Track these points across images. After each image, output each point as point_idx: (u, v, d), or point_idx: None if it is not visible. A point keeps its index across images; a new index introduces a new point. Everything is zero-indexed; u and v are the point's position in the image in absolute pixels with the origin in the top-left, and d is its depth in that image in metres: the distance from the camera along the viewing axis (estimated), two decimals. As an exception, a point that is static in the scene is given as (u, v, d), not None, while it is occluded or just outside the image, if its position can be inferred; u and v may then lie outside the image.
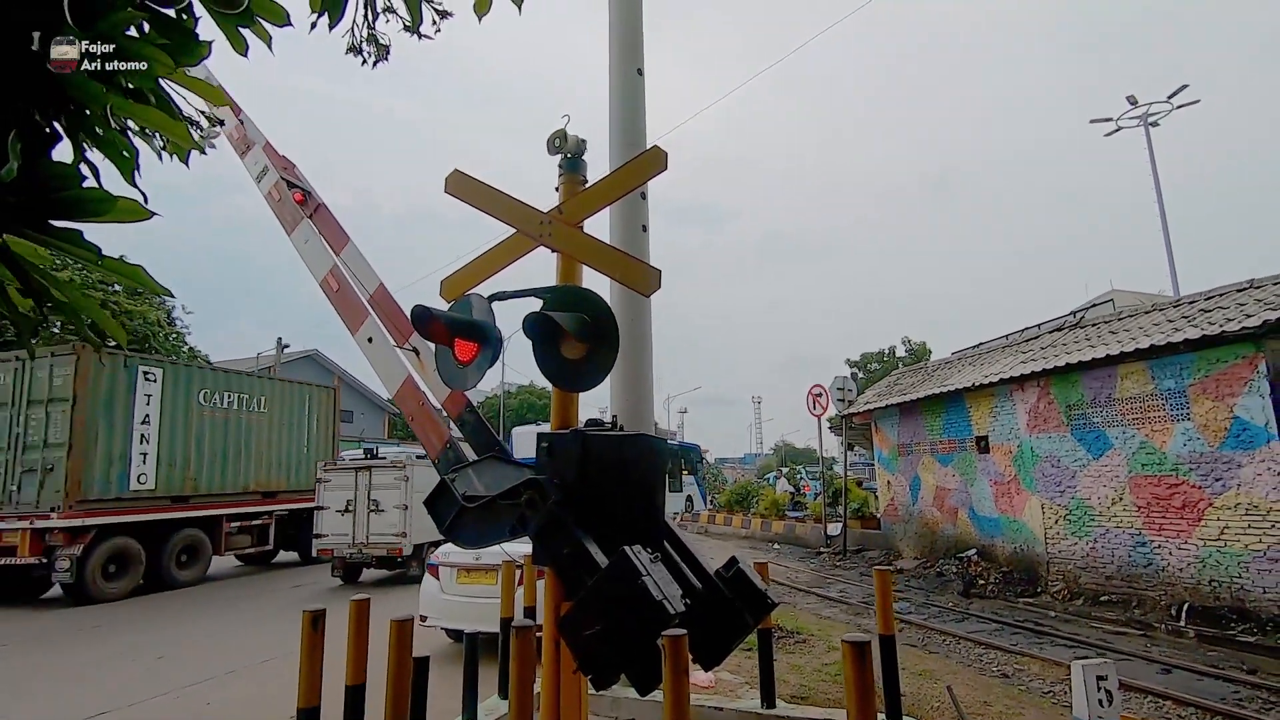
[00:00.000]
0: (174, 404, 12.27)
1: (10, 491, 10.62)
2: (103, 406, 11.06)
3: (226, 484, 13.12)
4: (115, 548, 10.95)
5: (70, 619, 9.55)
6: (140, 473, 11.45)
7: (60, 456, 10.47)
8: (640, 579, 2.69)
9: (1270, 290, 8.92)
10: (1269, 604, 7.77)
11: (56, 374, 10.80)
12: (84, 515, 10.51)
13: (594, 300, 3.27)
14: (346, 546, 11.66)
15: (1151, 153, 29.71)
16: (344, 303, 4.48)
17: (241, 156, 5.38)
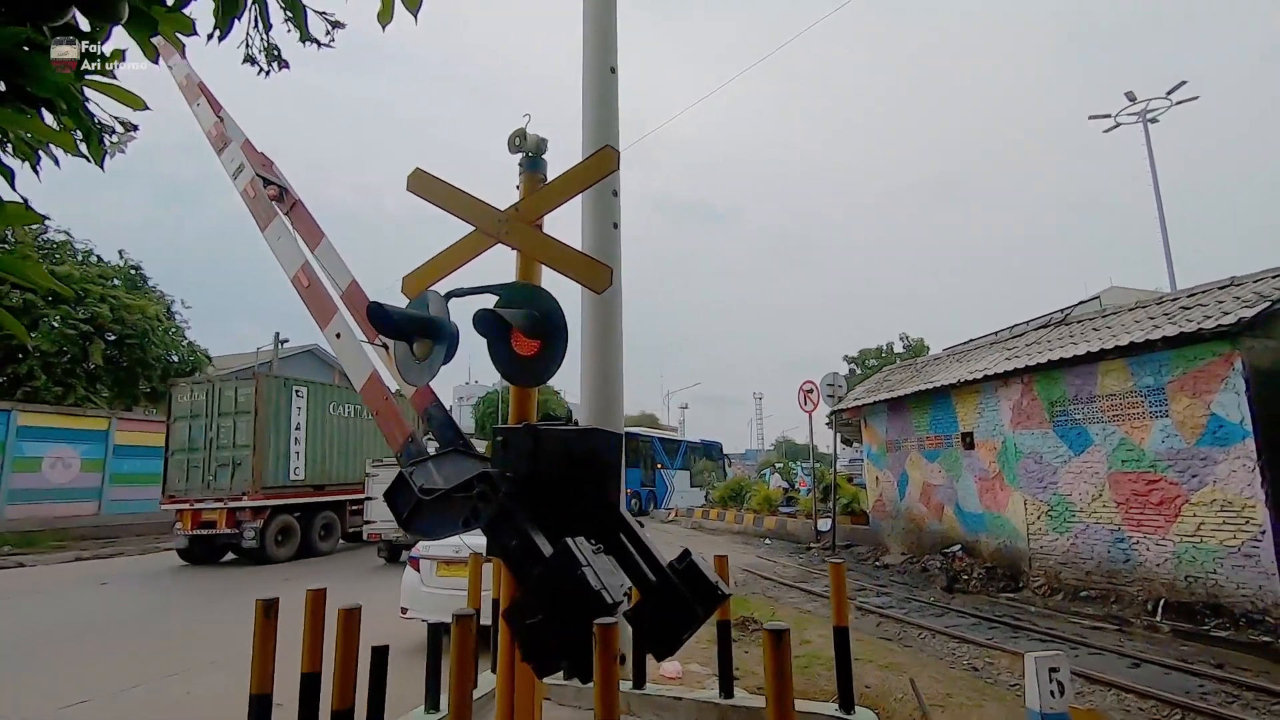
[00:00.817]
0: (314, 414, 15.72)
1: (209, 480, 14.23)
2: (272, 417, 14.53)
3: (347, 476, 16.31)
4: (282, 523, 14.58)
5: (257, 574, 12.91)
6: (295, 466, 15.02)
7: (246, 454, 14.10)
8: (580, 569, 2.76)
9: (1250, 288, 8.97)
10: (1242, 600, 7.84)
11: (241, 394, 14.60)
12: (264, 498, 14.07)
13: (543, 297, 3.33)
14: (392, 531, 13.61)
15: (1150, 149, 29.71)
16: (314, 299, 4.54)
17: (219, 154, 5.43)
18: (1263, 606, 7.62)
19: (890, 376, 17.53)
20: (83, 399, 20.76)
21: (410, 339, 3.47)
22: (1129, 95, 29.31)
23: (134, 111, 1.78)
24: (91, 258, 23.28)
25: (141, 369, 22.84)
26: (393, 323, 3.35)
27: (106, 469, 19.10)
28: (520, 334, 3.27)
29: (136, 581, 12.53)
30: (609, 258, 5.55)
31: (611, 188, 5.59)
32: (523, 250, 3.65)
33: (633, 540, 3.33)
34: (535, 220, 3.70)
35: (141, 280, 25.01)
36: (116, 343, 21.81)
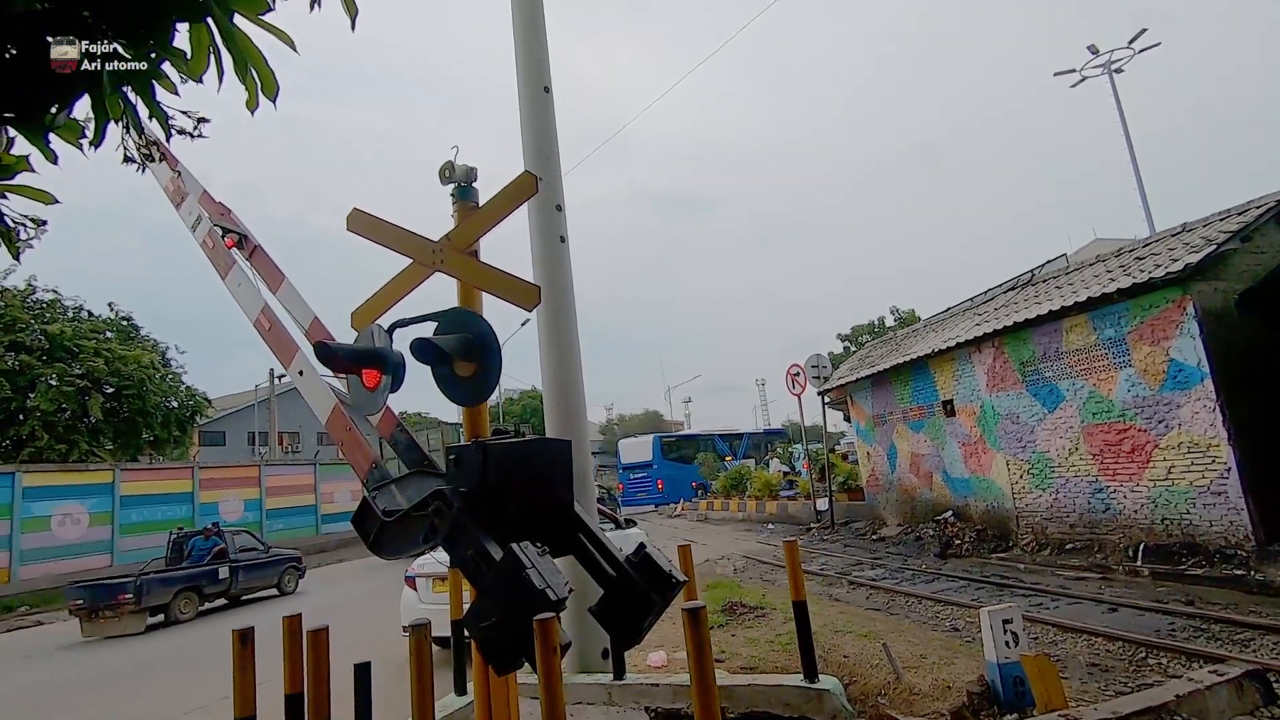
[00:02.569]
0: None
1: None
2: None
3: None
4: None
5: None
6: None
7: None
8: (524, 571, 2.99)
9: (1199, 233, 9.19)
10: (1216, 537, 8.07)
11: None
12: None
13: (474, 320, 3.56)
14: None
15: (1117, 99, 29.83)
16: (275, 340, 4.75)
17: (177, 208, 5.63)
18: (1234, 541, 7.85)
19: (871, 352, 17.76)
20: (86, 454, 21.00)
21: (359, 371, 3.68)
22: (1091, 49, 29.48)
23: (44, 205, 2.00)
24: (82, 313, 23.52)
25: (142, 418, 23.08)
26: (339, 359, 3.57)
27: (115, 520, 19.34)
28: (456, 358, 3.50)
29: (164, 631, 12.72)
30: (558, 271, 5.77)
31: (554, 203, 5.81)
32: (457, 277, 3.88)
33: (591, 539, 3.56)
34: (468, 247, 3.93)
35: (133, 330, 25.25)
36: (115, 395, 22.05)
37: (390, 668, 6.44)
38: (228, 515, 22.43)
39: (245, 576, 13.85)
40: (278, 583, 14.71)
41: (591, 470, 6.24)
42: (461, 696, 4.77)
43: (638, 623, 3.31)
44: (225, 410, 35.99)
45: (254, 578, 14.09)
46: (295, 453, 37.18)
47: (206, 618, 12.83)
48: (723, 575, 11.22)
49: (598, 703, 4.62)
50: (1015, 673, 4.28)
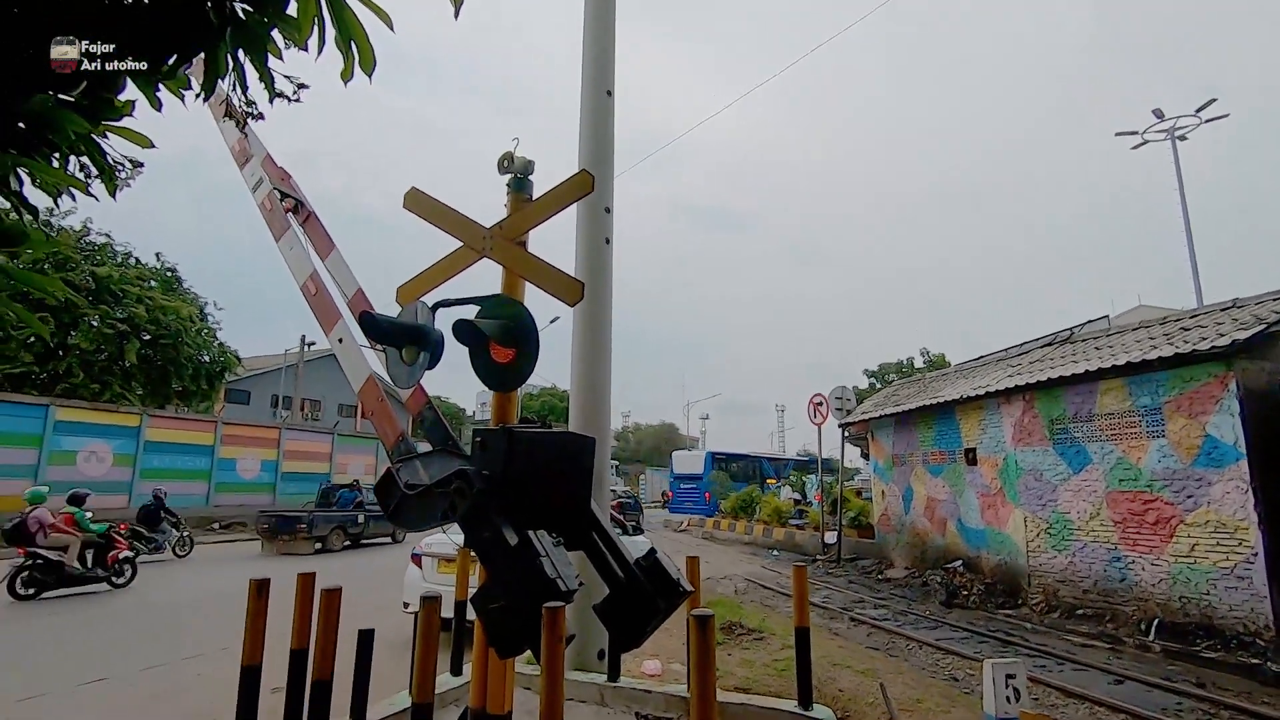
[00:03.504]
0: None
1: None
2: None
3: None
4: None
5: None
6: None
7: None
8: (538, 559, 3.04)
9: (1250, 310, 8.98)
10: (1234, 621, 7.84)
11: None
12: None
13: (518, 309, 3.63)
14: None
15: (1178, 166, 29.26)
16: (320, 305, 4.88)
17: (241, 168, 5.83)
18: (1254, 629, 7.62)
19: (898, 391, 17.57)
20: (118, 396, 21.58)
21: (399, 345, 3.77)
22: (1156, 113, 28.99)
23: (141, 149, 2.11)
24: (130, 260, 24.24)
25: (174, 368, 23.66)
26: (382, 330, 3.67)
27: (137, 464, 19.83)
28: (496, 343, 3.57)
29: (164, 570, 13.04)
30: (600, 272, 5.84)
31: (604, 205, 5.89)
32: (504, 265, 3.96)
33: (603, 539, 3.59)
34: (518, 237, 4.01)
35: (177, 282, 25.94)
36: (151, 342, 22.65)
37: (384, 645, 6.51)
38: (244, 473, 22.87)
39: (373, 524, 17.45)
40: (392, 532, 18.53)
41: (609, 471, 6.29)
42: (457, 677, 4.82)
43: (640, 626, 3.33)
44: (253, 371, 36.70)
45: (378, 526, 17.60)
46: (315, 420, 37.78)
47: (351, 550, 16.81)
48: (724, 595, 11.16)
49: (590, 701, 4.64)
50: (1013, 729, 4.21)
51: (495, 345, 3.56)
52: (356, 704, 3.82)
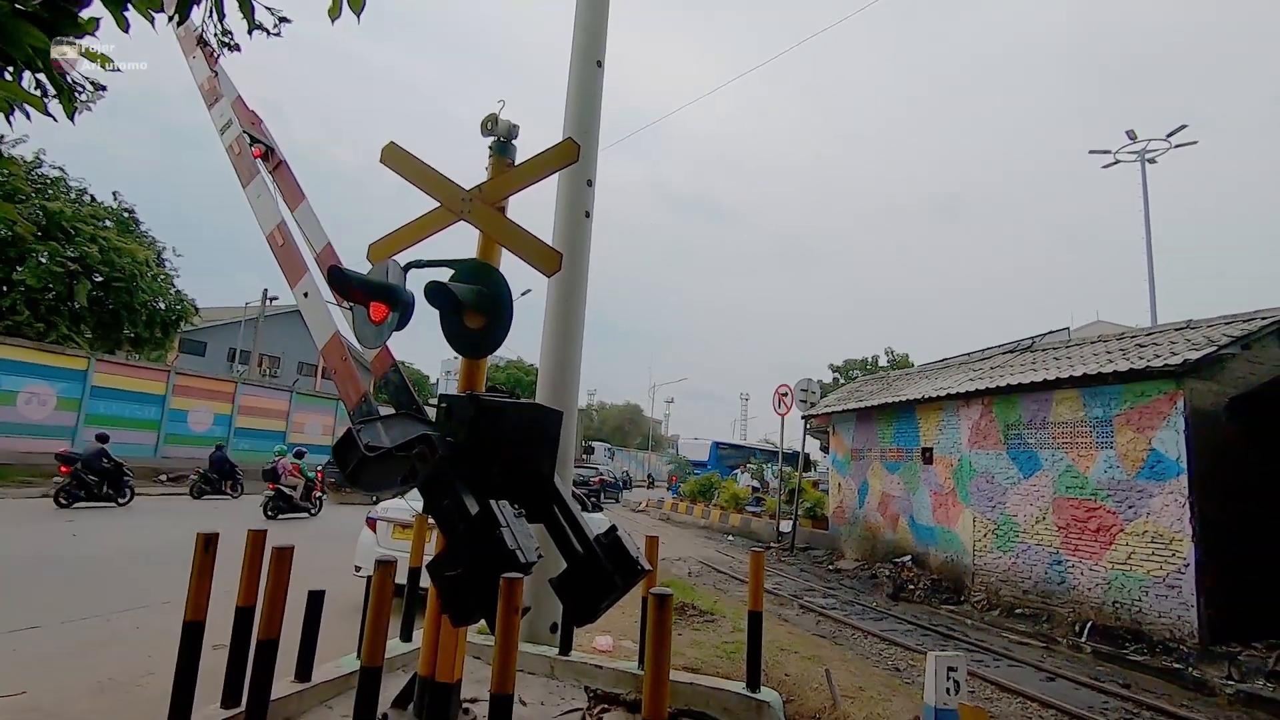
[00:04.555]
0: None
1: None
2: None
3: None
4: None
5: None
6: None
7: None
8: (499, 529, 3.00)
9: (1203, 332, 9.30)
10: (1162, 628, 8.20)
11: None
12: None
13: (493, 275, 3.55)
14: None
15: (1145, 188, 30.00)
16: (286, 257, 4.71)
17: (209, 108, 5.58)
18: (1179, 636, 7.98)
19: (862, 388, 17.85)
20: (65, 338, 20.72)
21: (367, 303, 3.66)
22: (1129, 134, 29.64)
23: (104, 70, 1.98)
24: (85, 197, 23.17)
25: (127, 313, 22.78)
26: (351, 287, 3.55)
27: (83, 409, 19.11)
28: (468, 308, 3.49)
29: (105, 518, 12.65)
30: (579, 245, 5.76)
31: (586, 177, 5.79)
32: (482, 229, 3.87)
33: (564, 512, 3.56)
34: (498, 202, 3.91)
35: (134, 224, 24.89)
36: (103, 284, 21.73)
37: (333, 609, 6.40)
38: (196, 426, 22.26)
39: None
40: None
41: (574, 447, 6.25)
42: (406, 643, 4.77)
43: (596, 602, 3.32)
44: (210, 322, 35.59)
45: None
46: (274, 377, 36.90)
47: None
48: (678, 576, 11.26)
49: (539, 674, 4.64)
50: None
51: (468, 311, 3.48)
52: (303, 665, 3.75)
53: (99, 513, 13.00)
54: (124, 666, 4.99)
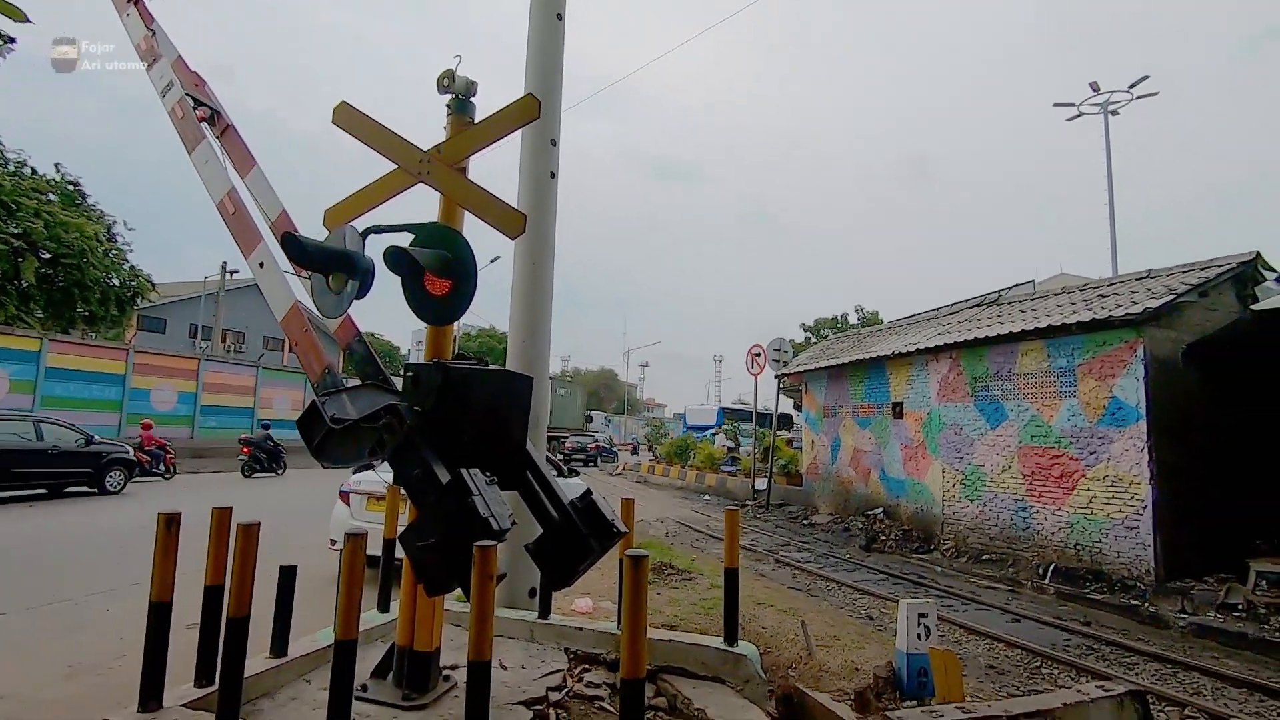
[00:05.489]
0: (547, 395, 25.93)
1: None
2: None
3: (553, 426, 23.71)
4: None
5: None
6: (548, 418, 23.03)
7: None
8: (470, 498, 2.95)
9: (1162, 281, 9.50)
10: (1121, 567, 8.54)
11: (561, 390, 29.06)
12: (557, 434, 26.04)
13: (456, 239, 3.44)
14: None
15: (1108, 139, 30.24)
16: (239, 226, 4.52)
17: (148, 69, 5.29)
18: (1136, 574, 8.32)
19: (833, 345, 18.04)
20: (14, 318, 19.92)
21: (325, 271, 3.53)
22: (1093, 86, 29.77)
23: (15, 23, 1.82)
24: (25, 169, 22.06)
25: (79, 290, 21.93)
26: (306, 254, 3.42)
27: (38, 391, 18.50)
28: (431, 273, 3.38)
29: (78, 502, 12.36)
30: (544, 207, 5.62)
31: (549, 137, 5.62)
32: (442, 191, 3.74)
33: (538, 478, 3.53)
34: (458, 162, 3.78)
35: (80, 197, 23.79)
36: (51, 261, 20.84)
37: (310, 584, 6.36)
38: (159, 405, 21.72)
39: None
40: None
41: (546, 412, 6.20)
42: (384, 614, 4.75)
43: (573, 566, 3.31)
44: (169, 298, 34.51)
45: None
46: (239, 352, 36.05)
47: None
48: (655, 537, 11.40)
49: (519, 638, 4.66)
50: (921, 664, 4.47)
51: (430, 276, 3.38)
52: (278, 640, 3.71)
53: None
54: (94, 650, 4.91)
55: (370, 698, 3.46)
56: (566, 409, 34.24)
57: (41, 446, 12.23)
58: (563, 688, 3.97)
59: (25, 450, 11.98)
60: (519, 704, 3.58)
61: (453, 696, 3.54)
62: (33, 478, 12.18)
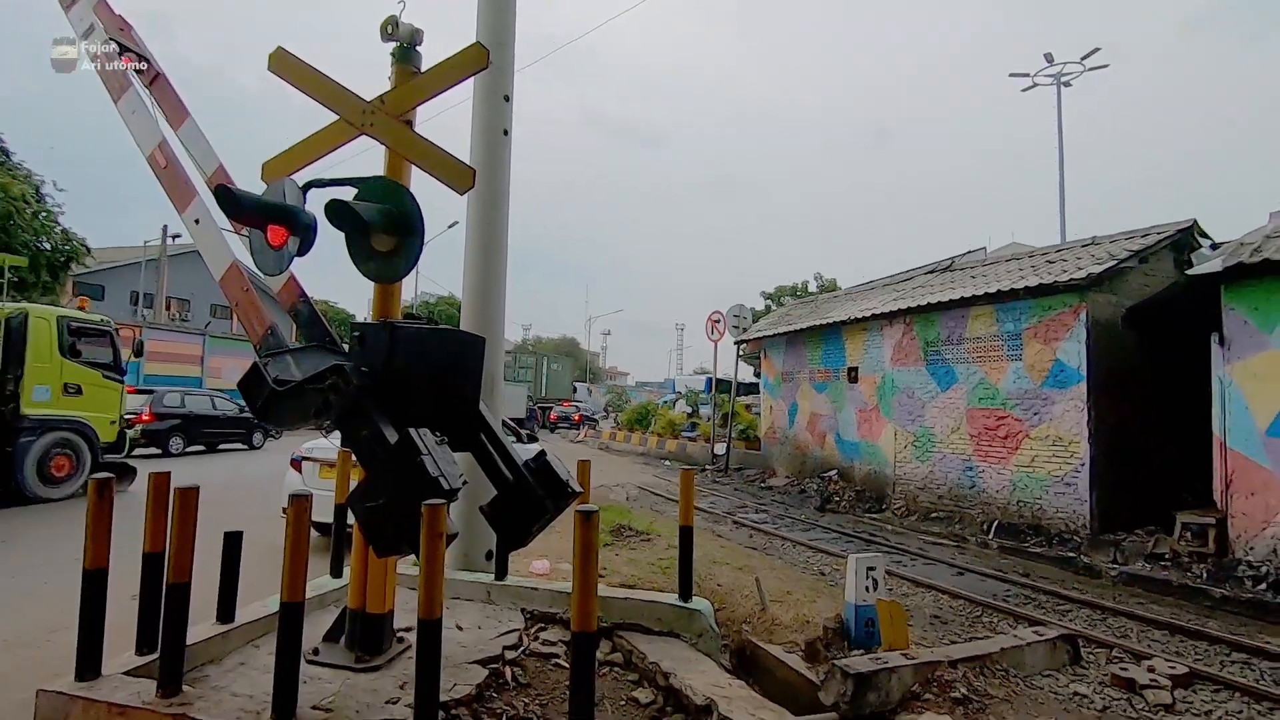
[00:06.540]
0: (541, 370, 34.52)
1: None
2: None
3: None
4: (545, 413, 32.28)
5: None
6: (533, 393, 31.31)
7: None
8: (420, 457, 2.90)
9: (1105, 247, 9.81)
10: (1059, 521, 8.95)
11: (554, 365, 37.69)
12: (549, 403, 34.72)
13: (401, 193, 3.32)
14: None
15: (1059, 109, 30.80)
16: (171, 181, 4.30)
17: (66, 10, 4.97)
18: (1073, 527, 8.74)
19: (791, 312, 18.25)
20: (-67, 284, 18.78)
21: (263, 226, 3.38)
22: (1047, 57, 30.18)
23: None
24: (-62, 124, 20.58)
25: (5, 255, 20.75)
26: (242, 208, 3.26)
27: (-35, 361, 17.58)
28: (376, 230, 3.26)
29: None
30: (497, 164, 5.47)
31: (502, 92, 5.45)
32: (387, 144, 3.59)
33: (492, 440, 3.48)
34: (403, 114, 3.63)
35: (3, 155, 22.36)
36: (-28, 225, 19.62)
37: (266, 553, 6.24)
38: (99, 375, 20.83)
39: None
40: None
41: (502, 374, 6.13)
42: (336, 579, 4.69)
43: (527, 526, 3.30)
44: (108, 263, 32.87)
45: None
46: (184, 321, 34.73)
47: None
48: (615, 501, 11.50)
49: (476, 600, 4.67)
50: (869, 615, 4.62)
51: (376, 232, 3.26)
52: (224, 606, 3.64)
53: None
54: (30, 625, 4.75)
55: (321, 660, 3.43)
56: (558, 381, 37.48)
57: (217, 413, 17.40)
58: (519, 646, 4.00)
59: (209, 416, 17.20)
60: (475, 663, 3.59)
61: (406, 658, 3.53)
62: (213, 438, 17.39)
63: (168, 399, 16.83)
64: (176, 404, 16.82)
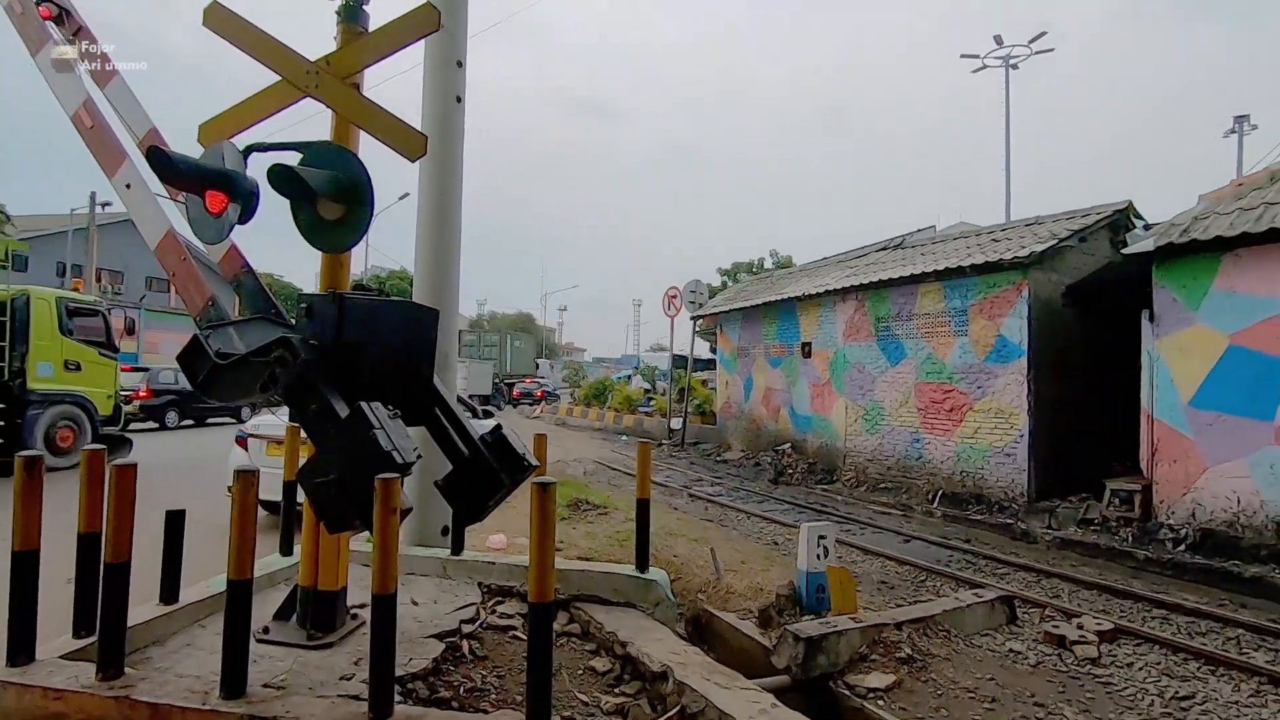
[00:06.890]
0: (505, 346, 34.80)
1: None
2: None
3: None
4: (510, 389, 32.95)
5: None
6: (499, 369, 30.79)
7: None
8: (372, 431, 2.84)
9: (1048, 226, 10.15)
10: (999, 490, 9.35)
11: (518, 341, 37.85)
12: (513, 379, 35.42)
13: (348, 158, 3.20)
14: None
15: (1007, 91, 31.46)
16: (98, 142, 4.06)
17: (-26, -44, 4.60)
18: (1012, 496, 9.14)
19: (747, 288, 18.42)
20: None
21: (200, 191, 3.22)
22: (997, 39, 30.77)
23: None
24: None
25: (-87, 222, 19.39)
26: (177, 172, 3.10)
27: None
28: (322, 196, 3.15)
29: None
30: (450, 133, 5.32)
31: (455, 58, 5.28)
32: (333, 107, 3.45)
33: (447, 414, 3.43)
34: (350, 76, 3.49)
35: (-93, 113, 20.78)
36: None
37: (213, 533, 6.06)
38: (25, 350, 19.75)
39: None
40: None
41: (456, 348, 6.03)
42: (287, 557, 4.60)
43: (483, 501, 3.28)
44: (31, 232, 30.95)
45: None
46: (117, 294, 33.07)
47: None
48: (573, 476, 11.51)
49: (431, 575, 4.64)
50: (820, 581, 4.76)
51: (322, 199, 3.14)
52: (167, 586, 3.53)
53: None
54: None
55: (272, 639, 3.37)
56: (521, 357, 38.44)
57: None
58: (476, 620, 3.99)
59: None
60: (431, 637, 3.58)
61: (361, 634, 3.49)
62: (203, 413, 18.20)
63: (163, 376, 17.67)
64: (171, 381, 17.56)
